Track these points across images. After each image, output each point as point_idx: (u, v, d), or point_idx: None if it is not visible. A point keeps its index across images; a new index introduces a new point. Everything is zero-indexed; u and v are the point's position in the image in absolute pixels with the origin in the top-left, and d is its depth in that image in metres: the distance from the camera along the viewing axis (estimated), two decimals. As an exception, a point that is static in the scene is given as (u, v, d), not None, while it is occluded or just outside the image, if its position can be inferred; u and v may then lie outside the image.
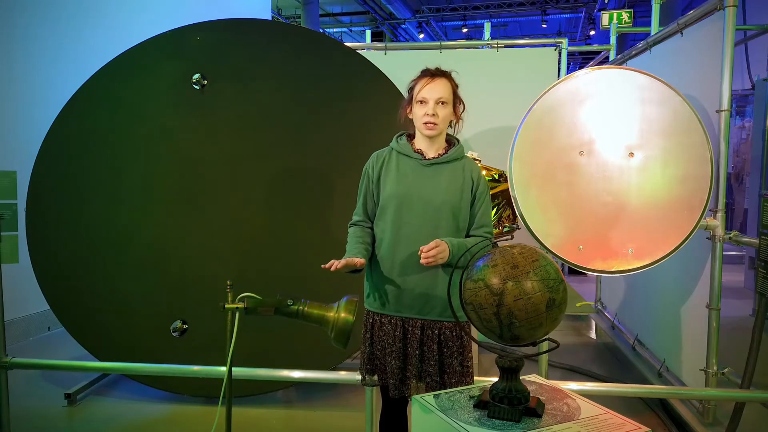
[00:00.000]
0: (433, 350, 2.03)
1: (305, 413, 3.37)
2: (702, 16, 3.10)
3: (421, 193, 2.03)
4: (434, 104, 2.00)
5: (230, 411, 1.79)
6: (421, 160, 2.07)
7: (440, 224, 2.02)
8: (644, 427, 1.32)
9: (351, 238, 2.10)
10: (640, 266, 2.80)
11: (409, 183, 2.05)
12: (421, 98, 2.01)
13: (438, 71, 2.06)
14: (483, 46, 4.58)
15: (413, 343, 2.04)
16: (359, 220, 2.16)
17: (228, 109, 3.34)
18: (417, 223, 2.02)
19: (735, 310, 5.59)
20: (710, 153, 2.74)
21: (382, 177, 2.09)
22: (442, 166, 2.07)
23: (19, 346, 4.53)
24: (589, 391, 2.71)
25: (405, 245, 2.02)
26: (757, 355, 2.64)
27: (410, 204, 2.03)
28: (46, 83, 4.89)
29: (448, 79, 2.06)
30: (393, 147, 2.14)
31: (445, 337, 2.05)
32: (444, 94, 2.02)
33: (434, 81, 2.02)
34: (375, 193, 2.11)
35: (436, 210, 2.02)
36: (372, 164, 2.13)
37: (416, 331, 2.04)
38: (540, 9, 14.92)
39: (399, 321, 2.06)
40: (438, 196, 2.03)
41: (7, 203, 2.94)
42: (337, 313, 1.68)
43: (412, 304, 2.04)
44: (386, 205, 2.06)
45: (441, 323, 2.05)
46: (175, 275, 3.36)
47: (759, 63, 6.59)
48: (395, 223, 2.04)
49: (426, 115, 2.00)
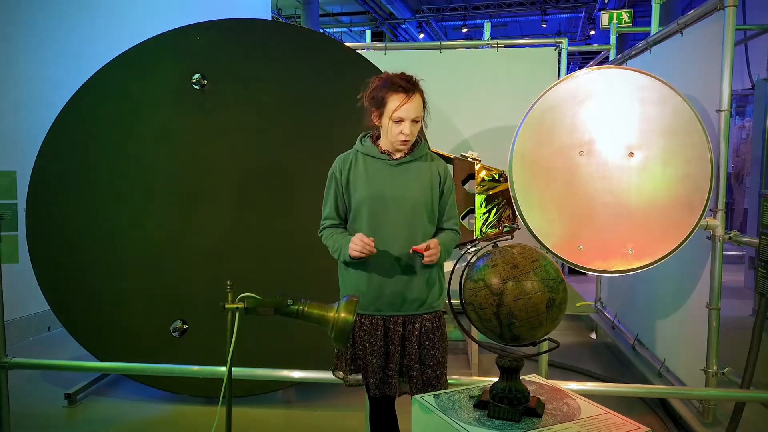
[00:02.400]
0: (414, 345, 2.06)
1: (305, 413, 3.37)
2: (702, 16, 3.10)
3: (393, 193, 2.05)
4: (410, 123, 2.00)
5: (230, 411, 1.79)
6: (389, 161, 2.08)
7: (415, 222, 2.05)
8: (644, 427, 1.32)
9: (337, 234, 2.10)
10: (640, 266, 2.80)
11: (380, 184, 2.06)
12: (397, 118, 1.99)
13: (411, 85, 2.01)
14: (483, 46, 4.57)
15: (395, 340, 2.07)
16: (333, 223, 2.15)
17: (228, 109, 3.34)
18: (393, 223, 2.04)
19: (735, 310, 5.59)
20: (710, 153, 2.74)
21: (351, 180, 2.09)
22: (410, 165, 2.09)
23: (19, 346, 4.53)
24: (589, 391, 2.71)
25: (382, 246, 2.02)
26: (757, 355, 2.64)
27: (384, 205, 2.05)
28: (46, 83, 4.89)
29: (420, 94, 2.03)
30: (358, 149, 2.14)
31: (426, 330, 2.08)
32: (419, 112, 2.02)
33: (411, 100, 1.99)
34: (345, 197, 2.11)
35: (411, 208, 2.05)
36: (339, 168, 2.12)
37: (398, 328, 2.07)
38: (540, 9, 14.92)
39: (380, 320, 2.07)
40: (410, 194, 2.05)
41: (7, 203, 2.94)
42: (337, 313, 1.68)
43: (393, 302, 2.06)
44: (359, 208, 2.07)
45: (422, 316, 2.08)
46: (175, 275, 3.36)
47: (759, 63, 6.59)
48: (371, 226, 2.05)
49: (401, 134, 2.00)
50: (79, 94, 3.42)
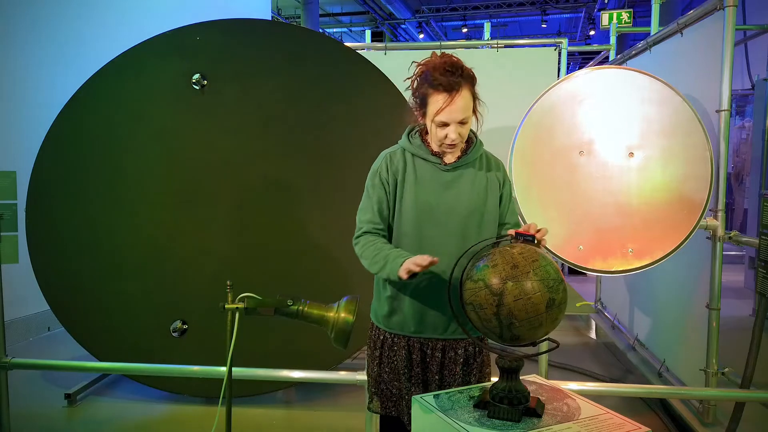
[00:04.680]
0: (456, 373, 1.82)
1: (305, 413, 3.37)
2: (702, 16, 3.11)
3: (443, 202, 1.79)
4: (456, 125, 1.72)
5: (230, 411, 1.79)
6: (440, 165, 1.81)
7: (467, 233, 1.79)
8: (644, 427, 1.32)
9: (380, 243, 1.78)
10: (640, 266, 2.80)
11: (430, 192, 1.79)
12: (439, 122, 1.72)
13: (456, 80, 1.69)
14: (483, 46, 4.57)
15: (433, 367, 1.83)
16: (376, 228, 1.83)
17: (228, 109, 3.34)
18: (441, 235, 1.78)
19: (735, 310, 5.59)
20: (710, 153, 2.74)
21: (398, 183, 1.81)
22: (464, 169, 1.82)
23: (19, 346, 4.53)
24: (589, 391, 2.71)
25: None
26: (757, 355, 2.63)
27: (432, 215, 1.78)
28: (46, 83, 4.89)
29: (468, 87, 1.72)
30: (405, 147, 1.86)
31: (468, 355, 1.84)
32: (467, 113, 1.72)
33: (454, 101, 1.68)
34: (391, 201, 1.83)
35: (462, 219, 1.79)
36: (386, 167, 1.83)
37: (437, 354, 1.83)
38: (540, 9, 14.92)
39: (417, 343, 1.83)
40: (462, 204, 1.79)
41: (7, 203, 2.93)
42: (337, 313, 1.68)
43: (436, 324, 1.81)
44: (404, 218, 1.81)
45: (465, 341, 1.84)
46: (175, 275, 3.35)
47: (759, 63, 6.59)
48: (416, 238, 1.79)
49: (447, 138, 1.73)
50: (79, 95, 3.42)
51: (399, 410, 1.86)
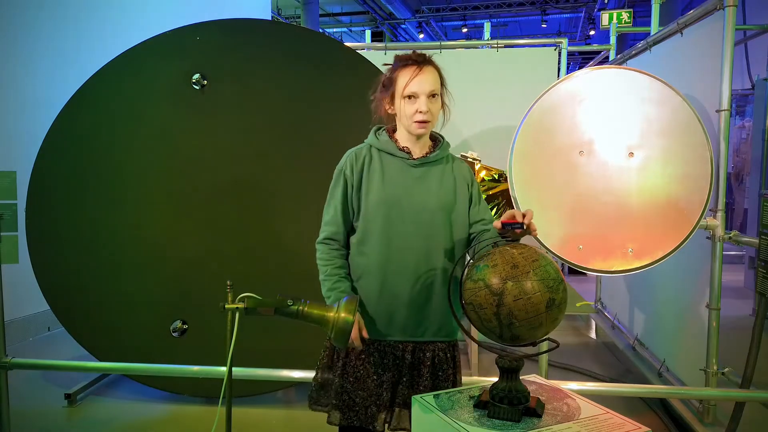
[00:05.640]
0: (425, 375, 1.79)
1: (305, 413, 3.36)
2: (702, 16, 3.11)
3: (412, 199, 1.76)
4: (426, 99, 1.73)
5: (230, 411, 1.79)
6: (408, 160, 1.79)
7: (435, 231, 1.77)
8: (644, 427, 1.32)
9: (331, 269, 1.82)
10: (640, 266, 2.80)
11: (398, 187, 1.77)
12: (409, 93, 1.72)
13: (424, 58, 1.78)
14: (483, 46, 4.57)
15: (403, 369, 1.80)
16: (332, 237, 1.86)
17: (228, 109, 3.34)
18: (410, 232, 1.75)
19: (735, 310, 5.59)
20: (710, 153, 2.74)
21: (364, 180, 1.79)
22: (432, 166, 1.81)
23: (19, 346, 4.53)
24: (589, 391, 2.71)
25: (397, 259, 1.76)
26: (757, 355, 2.64)
27: (400, 211, 1.76)
28: (46, 83, 4.89)
29: (435, 67, 1.79)
30: (372, 144, 1.84)
31: (439, 360, 1.81)
32: (435, 86, 1.75)
33: (423, 71, 1.74)
34: (355, 200, 1.81)
35: (431, 215, 1.76)
36: (350, 165, 1.82)
37: (407, 356, 1.80)
38: (540, 9, 14.93)
39: (388, 347, 1.81)
40: (431, 199, 1.77)
41: (7, 203, 2.93)
42: (337, 313, 1.68)
43: (405, 325, 1.79)
44: (372, 214, 1.78)
45: (434, 344, 1.81)
46: (175, 275, 3.35)
47: (759, 63, 6.59)
48: (385, 235, 1.76)
49: (418, 113, 1.72)
50: (78, 95, 3.42)
51: (364, 419, 1.80)
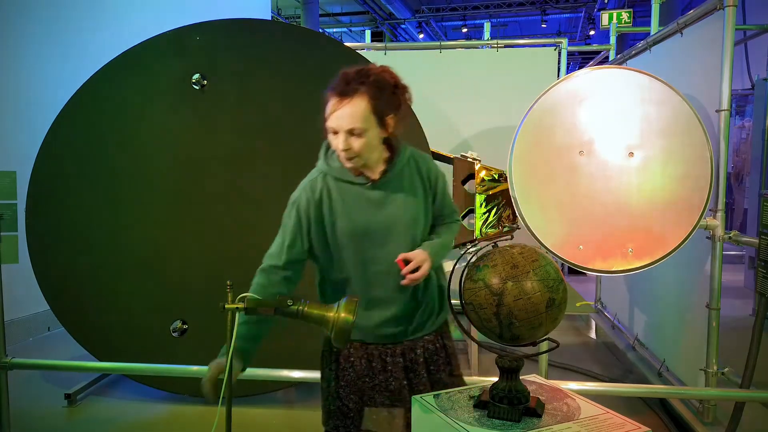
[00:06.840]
0: (422, 374, 1.79)
1: (305, 413, 3.37)
2: (702, 16, 3.11)
3: (380, 222, 1.69)
4: (345, 135, 1.57)
5: (230, 411, 1.79)
6: (366, 185, 1.68)
7: (411, 244, 1.72)
8: (644, 427, 1.32)
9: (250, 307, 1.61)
10: (640, 266, 2.80)
11: (361, 215, 1.68)
12: (329, 128, 1.59)
13: (349, 87, 1.55)
14: (483, 46, 4.57)
15: (397, 373, 1.78)
16: (276, 265, 1.76)
17: (228, 109, 3.34)
18: (385, 255, 1.69)
19: (735, 310, 5.59)
20: (710, 153, 2.74)
21: (325, 214, 1.70)
22: (394, 182, 1.71)
23: (19, 346, 4.53)
24: (589, 391, 2.71)
25: (378, 282, 1.73)
26: (757, 354, 2.64)
27: (371, 238, 1.69)
28: (46, 83, 4.89)
29: (364, 97, 1.55)
30: (326, 172, 1.73)
31: (429, 353, 1.82)
32: (356, 123, 1.54)
33: (343, 105, 1.54)
34: (316, 234, 1.72)
35: (403, 233, 1.71)
36: (305, 200, 1.71)
37: (398, 360, 1.79)
38: (540, 9, 14.93)
39: (376, 350, 1.80)
40: (400, 218, 1.70)
41: (7, 203, 2.94)
42: (337, 313, 1.68)
43: (393, 335, 1.79)
44: (342, 245, 1.71)
45: (422, 339, 1.82)
46: (175, 275, 3.35)
47: (759, 63, 6.59)
48: (360, 264, 1.72)
49: (341, 150, 1.60)
50: (78, 95, 3.42)
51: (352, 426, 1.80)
